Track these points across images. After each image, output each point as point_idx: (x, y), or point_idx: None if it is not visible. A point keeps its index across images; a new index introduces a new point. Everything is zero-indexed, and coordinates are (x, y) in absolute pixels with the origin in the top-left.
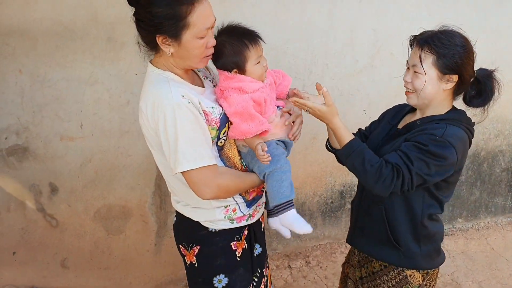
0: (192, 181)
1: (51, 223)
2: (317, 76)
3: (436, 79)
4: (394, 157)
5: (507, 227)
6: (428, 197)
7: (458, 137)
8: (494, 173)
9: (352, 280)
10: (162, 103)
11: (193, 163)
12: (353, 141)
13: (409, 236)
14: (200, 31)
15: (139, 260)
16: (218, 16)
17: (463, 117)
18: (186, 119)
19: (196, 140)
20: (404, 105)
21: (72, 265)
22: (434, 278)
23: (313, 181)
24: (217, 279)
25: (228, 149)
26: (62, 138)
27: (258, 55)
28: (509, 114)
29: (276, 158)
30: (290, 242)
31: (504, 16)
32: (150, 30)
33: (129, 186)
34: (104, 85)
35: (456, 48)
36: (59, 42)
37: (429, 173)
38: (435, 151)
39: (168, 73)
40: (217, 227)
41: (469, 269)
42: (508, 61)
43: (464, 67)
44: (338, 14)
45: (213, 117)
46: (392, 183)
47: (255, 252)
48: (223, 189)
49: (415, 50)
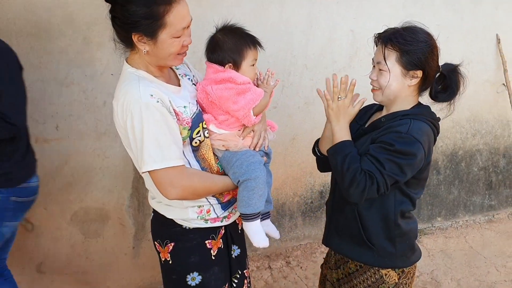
0: (157, 181)
1: (26, 227)
2: (296, 76)
3: (401, 76)
4: (366, 163)
5: (485, 225)
6: (399, 195)
7: (423, 132)
8: (472, 172)
9: (330, 282)
10: (130, 102)
11: (158, 163)
12: (347, 142)
13: (383, 235)
14: (176, 31)
15: (117, 263)
16: (195, 16)
17: (427, 112)
18: (153, 119)
19: (162, 140)
20: (372, 105)
21: (48, 269)
22: (410, 276)
23: (293, 182)
24: (190, 276)
25: (205, 151)
26: (37, 140)
27: (254, 58)
28: (486, 114)
29: (252, 167)
30: (271, 243)
31: (480, 17)
32: (126, 28)
33: (106, 188)
34: (80, 86)
35: (419, 44)
36: (33, 43)
37: (401, 173)
38: (402, 149)
39: (141, 71)
40: (191, 225)
41: (448, 267)
42: (484, 61)
43: (428, 62)
44: (317, 15)
45: (184, 117)
46: (365, 190)
47: (233, 254)
48: (189, 191)
49: (379, 48)
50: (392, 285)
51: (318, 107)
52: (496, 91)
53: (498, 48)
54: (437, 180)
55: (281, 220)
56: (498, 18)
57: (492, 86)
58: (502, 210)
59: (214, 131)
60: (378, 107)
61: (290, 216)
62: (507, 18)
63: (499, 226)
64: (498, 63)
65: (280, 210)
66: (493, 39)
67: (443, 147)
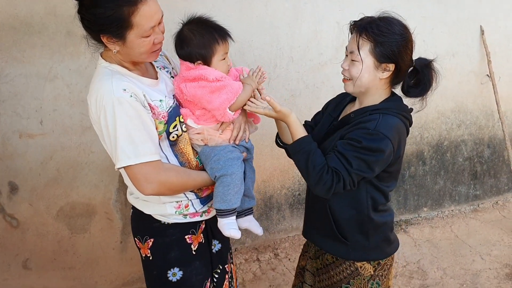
0: (133, 177)
1: (12, 223)
2: (282, 69)
3: (373, 67)
4: (333, 160)
5: (470, 214)
6: (371, 188)
7: (392, 127)
8: (457, 162)
9: (310, 272)
10: (103, 97)
11: (133, 159)
12: (304, 139)
13: (356, 230)
14: (144, 31)
15: (104, 258)
16: (180, 10)
17: (398, 105)
18: (125, 114)
19: (136, 136)
20: (346, 94)
21: (34, 266)
22: (387, 268)
23: (280, 174)
24: (171, 272)
25: (183, 145)
26: (21, 135)
27: (224, 52)
28: (470, 105)
29: (229, 163)
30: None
31: (464, 8)
32: (93, 29)
33: (92, 183)
34: (64, 81)
35: (394, 37)
36: (15, 37)
37: (368, 170)
38: (369, 145)
39: (114, 65)
40: (169, 220)
41: (434, 256)
42: (468, 52)
43: (401, 56)
44: (302, 7)
45: (159, 111)
46: (332, 188)
47: (213, 249)
48: (166, 186)
49: (353, 37)
50: (367, 277)
51: (305, 99)
52: (480, 82)
53: (482, 40)
54: (423, 171)
55: (269, 212)
56: (482, 9)
57: (476, 77)
58: (487, 199)
59: (192, 126)
60: (351, 98)
61: (278, 209)
62: (491, 9)
63: (484, 215)
64: (482, 54)
65: (268, 202)
66: (477, 31)
67: (429, 138)
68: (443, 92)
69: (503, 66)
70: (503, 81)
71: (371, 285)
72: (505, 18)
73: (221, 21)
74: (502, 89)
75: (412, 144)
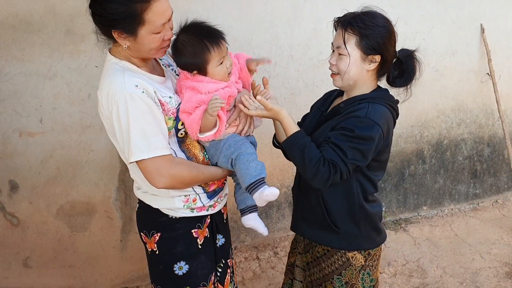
0: (145, 170)
1: (12, 222)
2: (281, 67)
3: (360, 60)
4: (328, 152)
5: (470, 213)
6: (361, 177)
7: (381, 114)
8: (457, 161)
9: (300, 268)
10: (115, 93)
11: (146, 153)
12: (297, 134)
13: (348, 219)
14: (156, 27)
15: (104, 256)
16: (181, 8)
17: (386, 95)
18: (138, 109)
19: (149, 130)
20: (333, 91)
21: (35, 264)
22: (376, 258)
23: (280, 173)
24: (177, 266)
25: (190, 141)
26: (21, 134)
27: (220, 57)
28: (470, 103)
29: (239, 143)
30: (259, 234)
31: (464, 6)
32: (105, 25)
33: (92, 181)
34: (64, 79)
35: (378, 29)
36: (15, 35)
37: (363, 158)
38: (362, 134)
39: (124, 62)
40: (177, 214)
41: (434, 255)
42: (468, 51)
43: (386, 47)
44: (301, 5)
45: (169, 107)
46: (329, 179)
47: (217, 243)
48: (177, 179)
49: (339, 32)
50: (358, 268)
51: (304, 98)
52: (480, 80)
53: (482, 38)
54: (422, 170)
55: (268, 211)
56: (482, 8)
57: (476, 76)
58: (487, 198)
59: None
60: (338, 93)
61: (277, 207)
62: (491, 7)
63: (484, 214)
64: (482, 52)
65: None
66: (477, 29)
67: (428, 136)
68: (443, 90)
69: (503, 65)
70: (503, 80)
71: (362, 275)
72: (505, 16)
73: (221, 20)
74: (502, 87)
75: (412, 142)
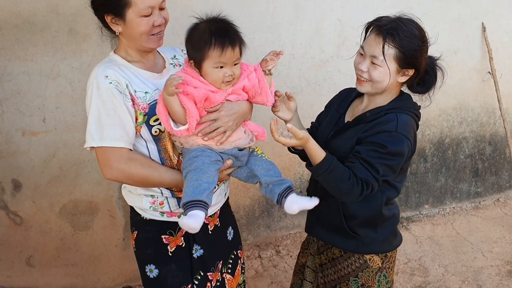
0: (98, 158)
1: (15, 221)
2: (284, 66)
3: (395, 73)
4: (361, 170)
5: (472, 211)
6: (386, 186)
7: (409, 126)
8: (459, 159)
9: (311, 269)
10: (89, 81)
11: (96, 142)
12: (325, 160)
13: (367, 225)
14: (141, 9)
15: (107, 255)
16: (181, 7)
17: (410, 103)
18: (100, 99)
19: (105, 120)
20: (351, 90)
21: (37, 263)
22: (392, 260)
23: (282, 172)
24: (148, 268)
25: (166, 141)
26: (24, 133)
27: (220, 60)
28: (472, 102)
29: (193, 160)
30: (261, 232)
31: (466, 5)
32: (99, 10)
33: (95, 180)
34: (67, 78)
35: (416, 42)
36: (18, 35)
37: (392, 173)
38: (394, 150)
39: (116, 56)
40: (147, 215)
41: (436, 253)
42: (470, 49)
43: (420, 62)
44: (303, 4)
45: (139, 102)
46: (362, 195)
47: (194, 254)
48: (125, 175)
49: (376, 40)
50: (375, 270)
51: (306, 97)
52: (482, 79)
53: (484, 37)
54: (424, 168)
55: (270, 209)
56: (484, 6)
57: (478, 74)
58: (488, 196)
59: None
60: (357, 94)
61: (279, 206)
62: (492, 6)
63: (486, 212)
64: (483, 51)
65: (269, 199)
66: (479, 28)
67: (430, 135)
68: (445, 89)
69: (505, 63)
70: (504, 78)
71: (379, 277)
72: (507, 15)
73: None
74: (504, 86)
75: None
